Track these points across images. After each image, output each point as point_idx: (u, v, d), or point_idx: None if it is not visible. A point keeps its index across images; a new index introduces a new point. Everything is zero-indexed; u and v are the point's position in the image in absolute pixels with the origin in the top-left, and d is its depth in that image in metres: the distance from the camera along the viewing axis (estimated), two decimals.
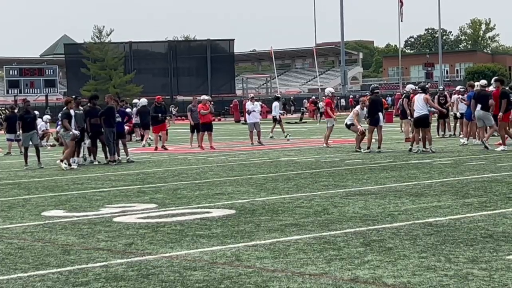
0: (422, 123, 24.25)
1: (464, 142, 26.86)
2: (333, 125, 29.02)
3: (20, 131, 25.53)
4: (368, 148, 25.16)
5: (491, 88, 27.17)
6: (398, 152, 24.83)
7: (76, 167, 23.12)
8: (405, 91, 31.93)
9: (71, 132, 23.21)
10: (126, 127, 28.75)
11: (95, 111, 24.35)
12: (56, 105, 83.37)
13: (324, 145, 28.60)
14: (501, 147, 23.75)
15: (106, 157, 24.33)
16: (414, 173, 18.05)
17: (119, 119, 24.94)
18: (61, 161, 23.03)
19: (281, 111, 43.89)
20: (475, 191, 14.30)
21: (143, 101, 34.29)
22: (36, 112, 29.51)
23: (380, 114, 25.57)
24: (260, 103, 39.54)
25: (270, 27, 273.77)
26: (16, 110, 32.22)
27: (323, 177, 17.74)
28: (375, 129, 25.51)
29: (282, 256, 8.90)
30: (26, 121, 24.50)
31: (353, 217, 11.58)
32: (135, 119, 34.46)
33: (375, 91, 26.19)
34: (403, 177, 17.23)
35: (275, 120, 37.79)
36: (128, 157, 24.86)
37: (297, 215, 12.02)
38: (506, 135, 24.27)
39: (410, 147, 24.74)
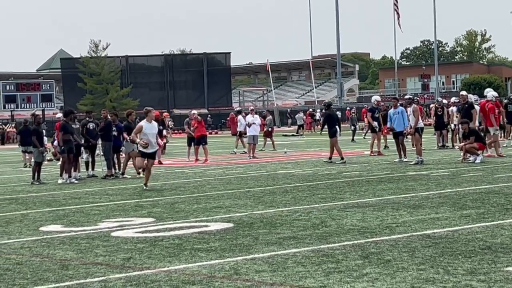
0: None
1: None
2: (495, 133, 26.44)
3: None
4: (330, 158, 26.69)
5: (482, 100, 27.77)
6: (395, 164, 24.83)
7: (76, 181, 23.09)
8: (373, 104, 32.54)
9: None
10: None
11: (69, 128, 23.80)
12: (53, 120, 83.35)
13: (486, 155, 25.54)
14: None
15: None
16: (411, 185, 18.06)
17: (115, 133, 24.89)
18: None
19: None
20: (473, 202, 14.30)
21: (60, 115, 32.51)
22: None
23: (337, 127, 26.98)
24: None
25: (266, 40, 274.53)
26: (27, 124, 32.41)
27: (320, 190, 17.73)
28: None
29: (281, 270, 8.89)
30: (41, 136, 24.49)
31: (351, 230, 11.57)
32: None
33: (331, 106, 28.30)
34: (401, 189, 17.24)
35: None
36: (119, 171, 24.77)
37: (295, 228, 12.01)
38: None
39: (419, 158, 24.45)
